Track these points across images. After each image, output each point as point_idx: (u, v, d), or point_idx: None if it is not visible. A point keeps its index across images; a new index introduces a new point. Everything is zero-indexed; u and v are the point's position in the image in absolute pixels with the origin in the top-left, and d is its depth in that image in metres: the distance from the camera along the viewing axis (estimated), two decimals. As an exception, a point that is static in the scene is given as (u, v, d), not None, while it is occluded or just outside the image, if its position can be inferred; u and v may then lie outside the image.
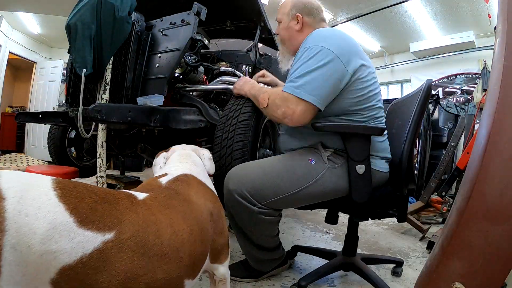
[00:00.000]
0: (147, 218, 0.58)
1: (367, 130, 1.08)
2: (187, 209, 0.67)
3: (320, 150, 1.11)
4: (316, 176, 1.07)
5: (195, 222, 0.66)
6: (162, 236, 0.58)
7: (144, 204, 0.60)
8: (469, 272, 0.78)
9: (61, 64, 5.51)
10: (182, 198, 0.69)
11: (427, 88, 1.12)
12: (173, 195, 0.69)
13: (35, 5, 4.29)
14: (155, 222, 0.58)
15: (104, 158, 1.37)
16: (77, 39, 1.40)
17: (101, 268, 0.49)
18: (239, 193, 1.06)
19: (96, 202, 0.53)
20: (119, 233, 0.52)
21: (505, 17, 0.83)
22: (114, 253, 0.50)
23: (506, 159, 0.76)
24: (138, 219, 0.56)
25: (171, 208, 0.64)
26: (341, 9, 4.62)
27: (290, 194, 1.06)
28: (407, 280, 1.37)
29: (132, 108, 1.36)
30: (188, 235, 0.63)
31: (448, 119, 3.91)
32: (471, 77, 4.99)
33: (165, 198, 0.66)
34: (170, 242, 0.58)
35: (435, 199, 2.51)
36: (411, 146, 1.11)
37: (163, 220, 0.60)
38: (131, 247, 0.52)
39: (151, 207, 0.61)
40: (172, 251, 0.58)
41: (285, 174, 1.07)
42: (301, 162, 1.09)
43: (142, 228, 0.55)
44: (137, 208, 0.58)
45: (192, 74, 1.78)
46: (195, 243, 0.64)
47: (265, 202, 1.06)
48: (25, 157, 5.06)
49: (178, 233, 0.61)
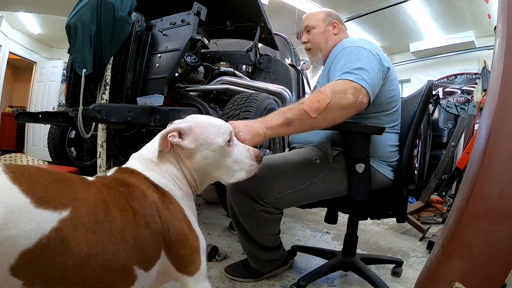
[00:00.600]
0: (97, 196, 0.57)
1: (367, 129, 1.08)
2: (128, 192, 0.65)
3: (327, 149, 1.11)
4: (319, 175, 1.07)
5: (138, 205, 0.63)
6: (110, 214, 0.57)
7: (93, 184, 0.61)
8: (469, 272, 0.78)
9: (61, 64, 5.51)
10: (121, 181, 0.67)
11: (428, 90, 1.12)
12: (112, 179, 0.67)
13: (35, 5, 4.29)
14: (104, 200, 0.58)
15: (104, 158, 1.37)
16: (77, 39, 1.40)
17: (58, 248, 0.48)
18: (242, 188, 1.07)
19: (50, 181, 0.53)
20: (73, 211, 0.52)
21: (505, 17, 0.83)
22: (70, 231, 0.50)
23: (506, 159, 0.76)
24: (89, 196, 0.56)
25: (115, 190, 0.63)
26: (341, 9, 4.62)
27: (292, 192, 1.06)
28: (407, 280, 1.37)
29: (132, 108, 1.36)
30: (133, 215, 0.61)
31: (448, 119, 3.92)
32: (471, 77, 4.99)
33: (108, 181, 0.65)
34: (117, 221, 0.57)
35: (435, 199, 2.51)
36: (411, 147, 1.12)
37: (109, 199, 0.59)
38: (84, 224, 0.52)
39: (99, 187, 0.61)
40: (118, 231, 0.57)
41: (288, 172, 1.07)
42: (305, 160, 1.09)
43: (93, 205, 0.55)
44: (87, 187, 0.58)
45: (192, 74, 1.78)
46: (140, 226, 0.61)
47: (267, 199, 1.06)
48: (25, 157, 5.05)
49: (123, 212, 0.59)
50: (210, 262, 1.45)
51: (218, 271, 1.36)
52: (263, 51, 2.50)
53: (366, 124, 1.10)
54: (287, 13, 4.62)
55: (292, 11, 4.52)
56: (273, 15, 4.62)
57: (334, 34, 1.29)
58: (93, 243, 0.52)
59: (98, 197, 0.58)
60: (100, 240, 0.54)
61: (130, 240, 0.58)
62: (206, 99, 1.84)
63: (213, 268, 1.38)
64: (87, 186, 0.59)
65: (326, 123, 0.95)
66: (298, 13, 4.55)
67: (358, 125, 1.08)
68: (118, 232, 0.57)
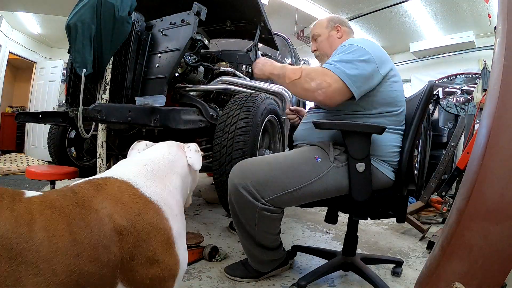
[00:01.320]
0: (21, 217, 0.49)
1: (367, 129, 1.09)
2: (77, 215, 0.55)
3: (329, 148, 1.12)
4: (320, 174, 1.08)
5: (84, 233, 0.53)
6: (33, 239, 0.48)
7: (27, 202, 0.53)
8: (469, 272, 0.78)
9: (61, 64, 5.51)
10: (76, 201, 0.57)
11: (429, 91, 1.13)
12: (66, 196, 0.58)
13: (35, 5, 4.29)
14: (29, 222, 0.49)
15: (104, 158, 1.37)
16: (77, 39, 1.40)
17: None
18: (244, 187, 1.07)
19: None
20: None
21: (505, 17, 0.83)
22: None
23: (506, 159, 0.76)
24: (11, 217, 0.48)
25: (54, 209, 0.54)
26: (341, 9, 4.62)
27: (294, 190, 1.07)
28: (407, 280, 1.37)
29: (132, 108, 1.36)
30: (68, 244, 0.51)
31: (448, 119, 3.91)
32: (471, 77, 4.99)
33: (55, 198, 0.56)
34: (41, 249, 0.48)
35: (435, 199, 2.51)
36: (412, 147, 1.12)
37: (38, 222, 0.50)
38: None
39: (32, 206, 0.52)
40: (43, 261, 0.48)
41: (290, 170, 1.09)
42: (307, 159, 1.11)
43: (12, 228, 0.47)
44: (15, 205, 0.51)
45: (192, 74, 1.78)
46: (80, 258, 0.52)
47: (268, 197, 1.07)
48: (25, 157, 5.06)
49: (53, 239, 0.50)
50: (210, 262, 1.45)
51: (218, 271, 1.36)
52: (263, 51, 2.50)
53: (367, 124, 1.11)
54: (287, 13, 4.62)
55: (292, 11, 4.52)
56: (273, 15, 4.63)
57: (338, 37, 1.33)
58: (8, 272, 0.45)
59: (22, 218, 0.49)
60: (16, 269, 0.45)
61: (61, 274, 0.49)
62: (206, 99, 1.84)
63: (213, 268, 1.38)
64: (15, 205, 0.51)
65: (292, 91, 1.18)
66: (298, 13, 4.56)
67: (358, 125, 1.09)
68: (42, 262, 0.48)
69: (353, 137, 1.07)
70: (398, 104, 1.17)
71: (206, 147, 1.77)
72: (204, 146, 1.78)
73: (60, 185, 1.04)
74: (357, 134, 1.07)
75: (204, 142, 1.81)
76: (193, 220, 2.20)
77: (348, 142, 1.07)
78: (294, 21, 4.79)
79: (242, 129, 1.39)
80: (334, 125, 1.10)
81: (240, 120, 1.41)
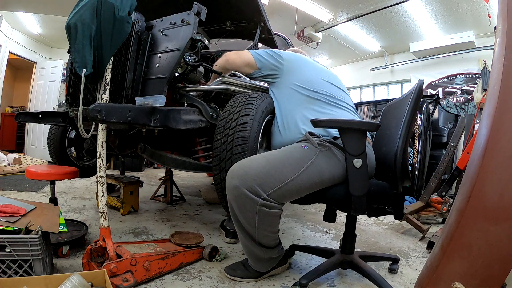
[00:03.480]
0: None
1: (363, 126, 1.14)
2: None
3: (309, 138, 1.24)
4: (312, 158, 1.16)
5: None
6: None
7: None
8: (469, 272, 0.78)
9: (61, 64, 5.52)
10: None
11: (419, 89, 1.17)
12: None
13: (35, 5, 4.29)
14: None
15: (104, 158, 1.37)
16: (77, 39, 1.39)
17: None
18: (245, 183, 1.08)
19: None
20: None
21: (505, 17, 0.84)
22: None
23: (506, 159, 0.76)
24: None
25: None
26: (341, 9, 4.62)
27: (291, 180, 1.10)
28: (407, 280, 1.37)
29: (132, 108, 1.36)
30: None
31: (448, 119, 3.91)
32: (471, 77, 5.00)
33: None
34: None
35: (435, 199, 2.51)
36: (405, 144, 1.15)
37: None
38: None
39: None
40: None
41: (285, 160, 1.14)
42: (296, 148, 1.22)
43: None
44: None
45: (192, 74, 1.78)
46: None
47: (271, 190, 1.09)
48: (25, 157, 5.06)
49: None
50: (210, 262, 1.45)
51: (218, 271, 1.36)
52: (263, 51, 2.49)
53: (362, 121, 1.20)
54: (287, 13, 4.62)
55: (292, 11, 4.53)
56: (273, 15, 4.63)
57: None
58: None
59: None
60: None
61: None
62: (206, 99, 1.84)
63: (213, 268, 1.39)
64: None
65: (229, 63, 1.66)
66: (298, 13, 4.56)
67: (353, 122, 1.17)
68: None
69: (349, 134, 1.11)
70: (316, 87, 1.44)
71: (206, 147, 1.77)
72: (204, 146, 1.78)
73: (60, 185, 1.04)
74: (353, 131, 1.11)
75: (204, 142, 1.80)
76: (193, 220, 2.20)
77: (344, 139, 1.12)
78: (294, 21, 4.80)
79: (243, 125, 1.39)
80: (331, 123, 1.18)
81: (241, 117, 1.41)
